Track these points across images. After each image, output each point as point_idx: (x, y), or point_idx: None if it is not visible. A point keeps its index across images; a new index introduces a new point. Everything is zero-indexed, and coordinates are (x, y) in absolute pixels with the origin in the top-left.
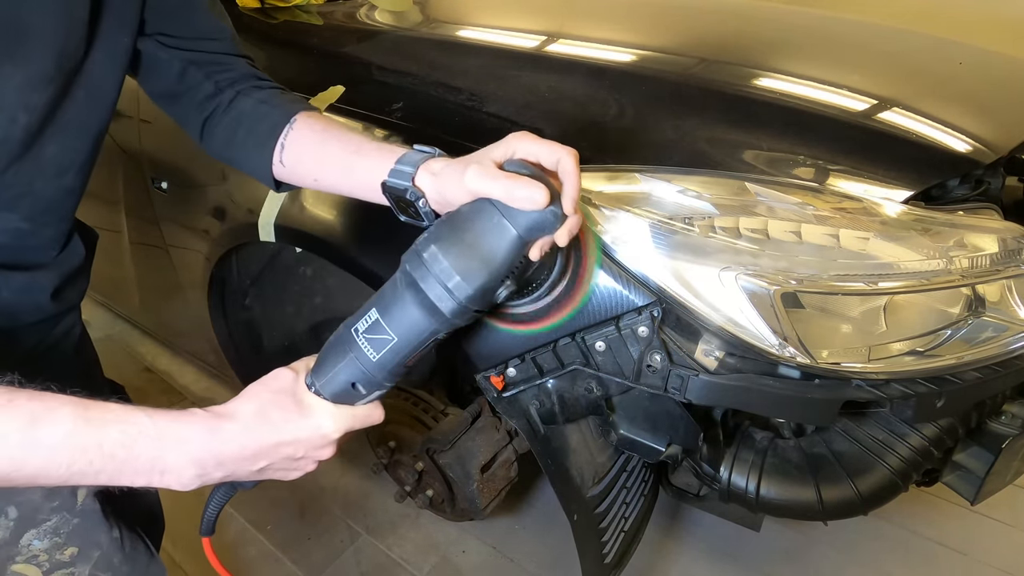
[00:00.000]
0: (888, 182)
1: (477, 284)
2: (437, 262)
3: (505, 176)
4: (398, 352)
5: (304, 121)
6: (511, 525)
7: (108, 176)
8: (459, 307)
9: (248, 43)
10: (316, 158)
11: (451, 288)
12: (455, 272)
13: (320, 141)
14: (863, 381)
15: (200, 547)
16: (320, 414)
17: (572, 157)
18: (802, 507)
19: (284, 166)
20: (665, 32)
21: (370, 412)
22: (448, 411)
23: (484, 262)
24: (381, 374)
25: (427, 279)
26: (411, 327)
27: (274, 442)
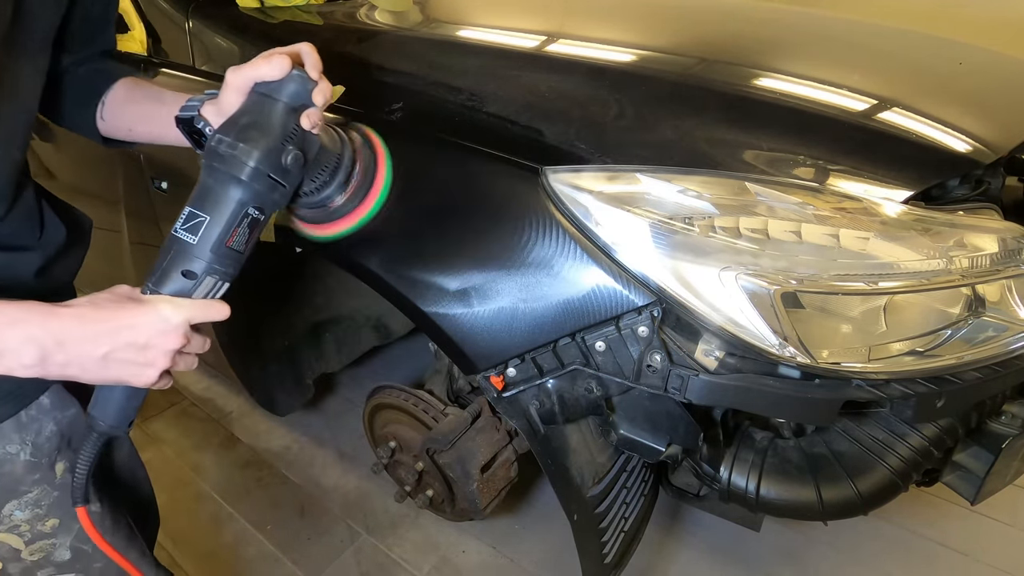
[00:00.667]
0: (888, 182)
1: (260, 145)
2: (223, 142)
3: (253, 60)
4: (215, 229)
5: (123, 82)
6: (511, 525)
7: (108, 176)
8: (252, 169)
9: (248, 43)
10: (129, 111)
11: (239, 155)
12: (239, 141)
13: (132, 97)
14: (863, 381)
15: (201, 548)
16: (158, 302)
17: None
18: (802, 507)
19: (104, 120)
20: (665, 32)
21: (211, 303)
22: (448, 411)
23: (260, 129)
24: (206, 255)
25: (218, 159)
26: (218, 202)
27: (113, 325)
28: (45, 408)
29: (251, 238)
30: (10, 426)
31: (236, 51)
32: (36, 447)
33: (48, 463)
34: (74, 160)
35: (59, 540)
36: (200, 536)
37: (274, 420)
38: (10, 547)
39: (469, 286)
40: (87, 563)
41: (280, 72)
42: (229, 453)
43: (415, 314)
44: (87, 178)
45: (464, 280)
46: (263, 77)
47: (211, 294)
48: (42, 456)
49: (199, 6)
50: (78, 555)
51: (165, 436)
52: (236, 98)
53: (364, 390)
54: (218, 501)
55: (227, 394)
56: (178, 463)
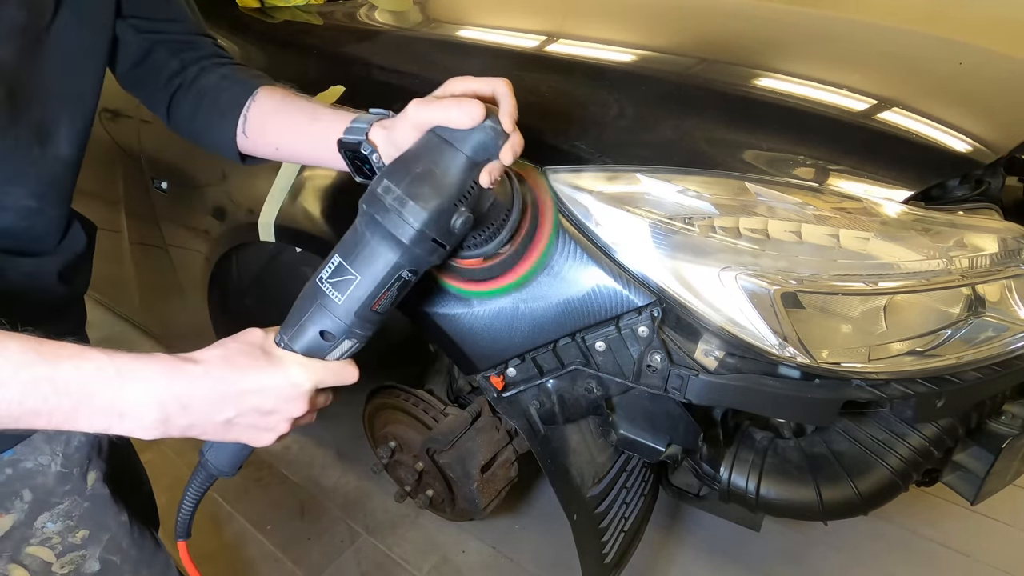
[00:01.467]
0: (888, 182)
1: (431, 206)
2: (390, 192)
3: (442, 100)
4: (363, 290)
5: (265, 92)
6: (511, 525)
7: (108, 176)
8: (416, 233)
9: (248, 43)
10: (277, 127)
11: (405, 214)
12: (408, 197)
13: (280, 111)
14: (863, 381)
15: (201, 548)
16: (289, 364)
17: (505, 82)
18: (802, 507)
19: (247, 137)
20: (665, 32)
21: (343, 367)
22: (448, 411)
23: (434, 186)
24: (349, 318)
25: (382, 211)
26: (372, 262)
27: (240, 388)
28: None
29: (397, 299)
30: (40, 437)
31: (236, 51)
32: (66, 457)
33: (80, 473)
34: None
35: (89, 551)
36: (200, 536)
37: None
38: (42, 560)
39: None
40: (116, 575)
41: (471, 123)
42: None
43: (415, 314)
44: (87, 178)
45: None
46: (451, 124)
47: (344, 356)
48: (73, 466)
49: (199, 6)
50: (107, 567)
51: None
52: (412, 134)
53: (364, 390)
54: (218, 501)
55: None
56: (178, 463)
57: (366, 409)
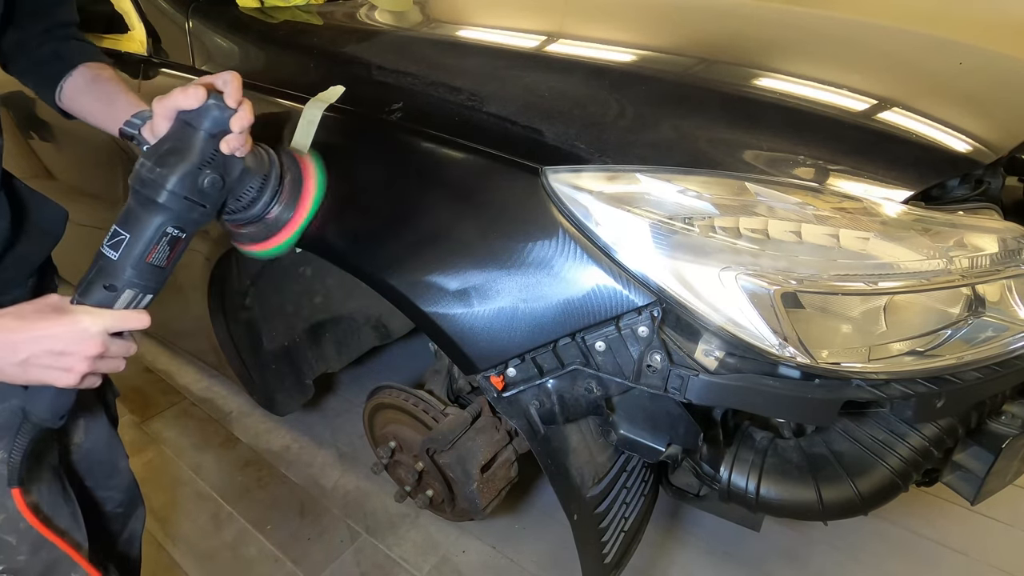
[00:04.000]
0: (888, 182)
1: (177, 170)
2: (144, 166)
3: (174, 90)
4: (134, 246)
5: (82, 71)
6: (511, 525)
7: (108, 176)
8: (168, 193)
9: (248, 43)
10: (82, 104)
11: (157, 179)
12: (157, 166)
13: (87, 91)
14: (863, 381)
15: (201, 548)
16: (77, 313)
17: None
18: (802, 507)
19: (62, 102)
20: (665, 32)
21: (130, 313)
22: (448, 411)
23: (178, 155)
24: (125, 270)
25: (140, 182)
26: (138, 221)
27: (30, 335)
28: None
29: (172, 254)
30: None
31: (236, 51)
32: None
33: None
34: (74, 160)
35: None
36: (200, 536)
37: (274, 420)
38: None
39: (469, 286)
40: (10, 554)
41: (196, 102)
42: (229, 453)
43: (415, 314)
44: (87, 178)
45: (464, 280)
46: (181, 107)
47: (132, 305)
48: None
49: (199, 6)
50: (2, 546)
51: (165, 436)
52: (164, 125)
53: (364, 390)
54: (218, 501)
55: (227, 394)
56: (178, 463)
57: (366, 409)
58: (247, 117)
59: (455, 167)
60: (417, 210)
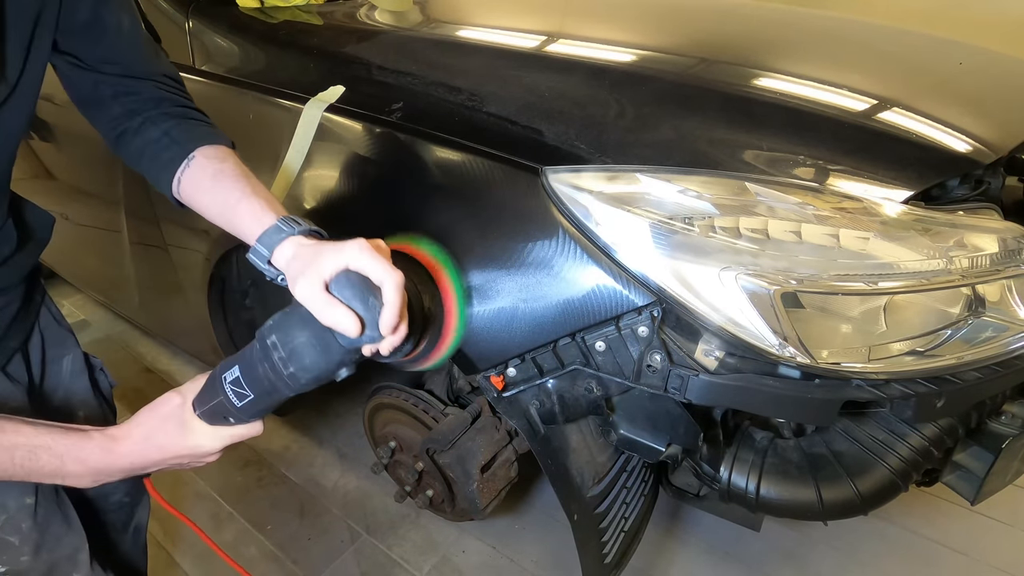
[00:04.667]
0: (888, 182)
1: (309, 376)
2: (277, 350)
3: (325, 303)
4: (256, 405)
5: (200, 162)
6: (511, 525)
7: (108, 176)
8: (301, 388)
9: (248, 43)
10: (203, 201)
11: (287, 378)
12: (291, 364)
13: (209, 188)
14: (863, 381)
15: (201, 548)
16: (200, 435)
17: (394, 284)
18: (802, 507)
19: (180, 196)
20: (665, 32)
21: (247, 430)
22: (448, 411)
23: (314, 361)
24: (245, 416)
25: (271, 362)
26: (263, 389)
27: (159, 459)
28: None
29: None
30: None
31: (236, 51)
32: None
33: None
34: (74, 160)
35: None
36: (200, 536)
37: (274, 420)
38: None
39: (469, 286)
40: (13, 555)
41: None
42: (229, 453)
43: None
44: (87, 178)
45: (464, 280)
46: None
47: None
48: None
49: (199, 6)
50: (3, 546)
51: None
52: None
53: (364, 390)
54: (218, 501)
55: None
56: None
57: (366, 409)
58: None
59: (455, 167)
60: (417, 210)
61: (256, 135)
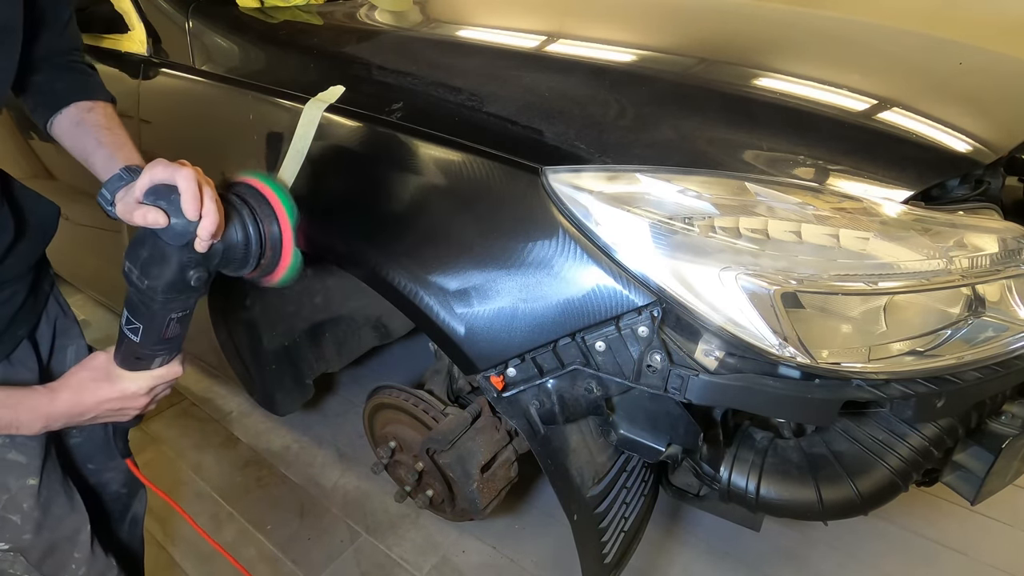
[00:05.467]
0: (888, 182)
1: (162, 281)
2: (132, 272)
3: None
4: (149, 332)
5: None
6: (511, 525)
7: None
8: (163, 299)
9: (248, 43)
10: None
11: (146, 290)
12: (144, 277)
13: (71, 135)
14: (863, 381)
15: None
16: (125, 380)
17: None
18: (802, 507)
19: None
20: (665, 32)
21: (166, 371)
22: (448, 411)
23: (157, 264)
24: (147, 348)
25: (133, 284)
26: (144, 314)
27: (94, 402)
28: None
29: (184, 324)
30: None
31: (236, 51)
32: None
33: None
34: (74, 160)
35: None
36: (200, 536)
37: (274, 420)
38: None
39: (469, 286)
40: (16, 533)
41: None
42: (229, 453)
43: (415, 314)
44: (87, 178)
45: (464, 280)
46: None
47: (165, 362)
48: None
49: (199, 6)
50: (5, 525)
51: (165, 436)
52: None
53: (364, 390)
54: (218, 501)
55: (227, 394)
56: (178, 463)
57: (366, 409)
58: (212, 221)
59: (455, 167)
60: (417, 210)
61: (256, 135)
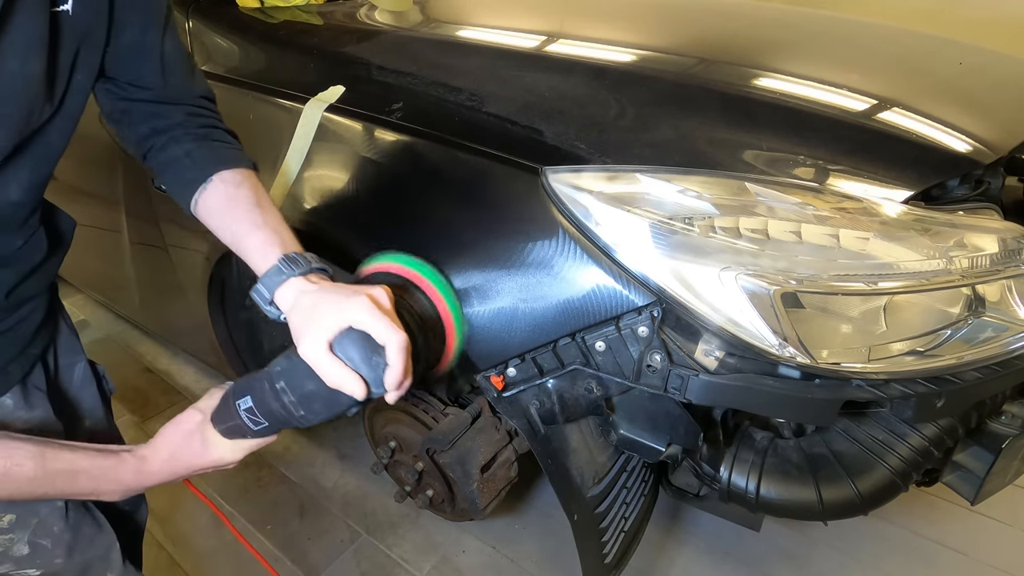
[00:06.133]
0: (888, 182)
1: (318, 419)
2: (286, 395)
3: (330, 365)
4: (270, 430)
5: (216, 185)
6: (511, 525)
7: (108, 176)
8: (309, 423)
9: (248, 43)
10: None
11: (298, 417)
12: (301, 408)
13: (222, 212)
14: (863, 381)
15: (201, 548)
16: (221, 449)
17: (397, 345)
18: (802, 507)
19: (196, 213)
20: (665, 32)
21: (263, 442)
22: (448, 411)
23: (323, 407)
24: (260, 437)
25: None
26: (276, 420)
27: (184, 472)
28: (8, 408)
29: None
30: None
31: (236, 51)
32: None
33: None
34: (74, 160)
35: (16, 535)
36: (200, 536)
37: None
38: None
39: (469, 286)
40: (47, 558)
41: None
42: None
43: None
44: (87, 178)
45: (464, 280)
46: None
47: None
48: None
49: (199, 6)
50: (37, 550)
51: None
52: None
53: None
54: (218, 501)
55: None
56: None
57: (366, 409)
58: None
59: (455, 167)
60: (417, 210)
61: (256, 135)
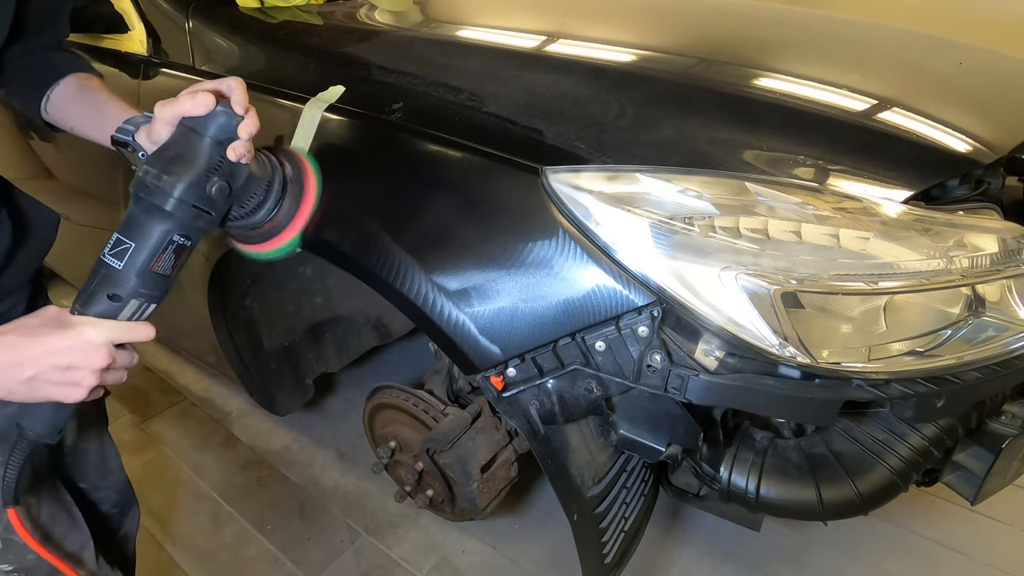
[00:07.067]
0: (888, 182)
1: (184, 178)
2: (149, 173)
3: (180, 96)
4: (139, 255)
5: (71, 80)
6: (511, 525)
7: (108, 176)
8: (176, 200)
9: (248, 43)
10: (70, 112)
11: (163, 186)
12: (163, 173)
13: (74, 100)
14: (863, 381)
15: (201, 548)
16: (81, 325)
17: (235, 79)
18: (802, 507)
19: (48, 113)
20: (665, 32)
21: (135, 325)
22: (448, 411)
23: (185, 162)
24: (131, 280)
25: (145, 189)
26: (143, 230)
27: (36, 351)
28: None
29: (178, 262)
30: None
31: (236, 51)
32: None
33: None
34: (74, 160)
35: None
36: (200, 536)
37: (274, 420)
38: None
39: (469, 286)
40: (20, 553)
41: (204, 109)
42: (229, 453)
43: (415, 314)
44: (87, 178)
45: (464, 280)
46: (188, 113)
47: (137, 316)
48: None
49: (199, 6)
50: (9, 545)
51: (165, 436)
52: (166, 130)
53: (364, 390)
54: (218, 501)
55: (227, 394)
56: (178, 463)
57: (366, 409)
58: (254, 124)
59: (455, 167)
60: (417, 210)
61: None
